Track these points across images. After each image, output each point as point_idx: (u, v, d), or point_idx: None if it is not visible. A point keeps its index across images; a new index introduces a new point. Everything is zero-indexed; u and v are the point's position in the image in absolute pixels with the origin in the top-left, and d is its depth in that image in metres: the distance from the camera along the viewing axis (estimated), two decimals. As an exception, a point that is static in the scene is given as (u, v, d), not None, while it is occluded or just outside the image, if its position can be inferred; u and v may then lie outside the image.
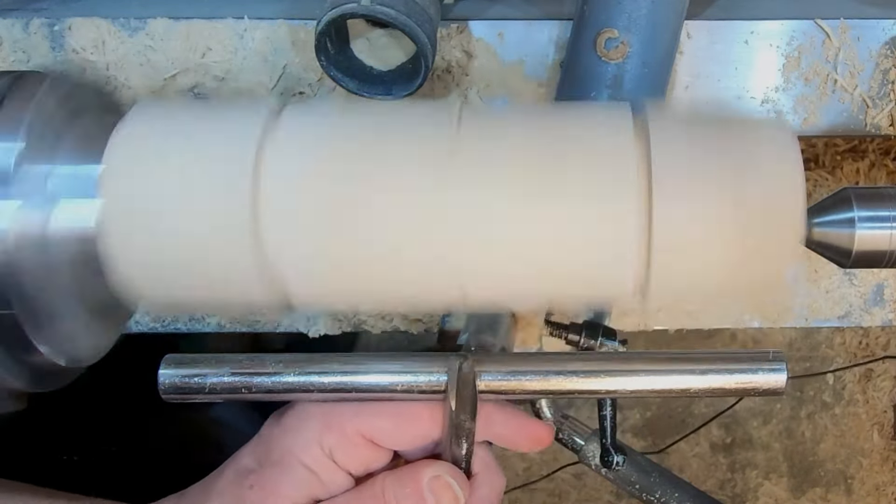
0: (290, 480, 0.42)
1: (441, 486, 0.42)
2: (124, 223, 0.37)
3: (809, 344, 1.60)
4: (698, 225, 0.37)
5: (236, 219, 0.36)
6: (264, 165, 0.37)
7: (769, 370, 0.42)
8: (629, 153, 0.37)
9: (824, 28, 0.57)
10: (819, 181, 0.73)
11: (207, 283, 0.38)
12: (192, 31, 0.57)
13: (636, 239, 0.37)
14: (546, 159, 0.37)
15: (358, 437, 0.42)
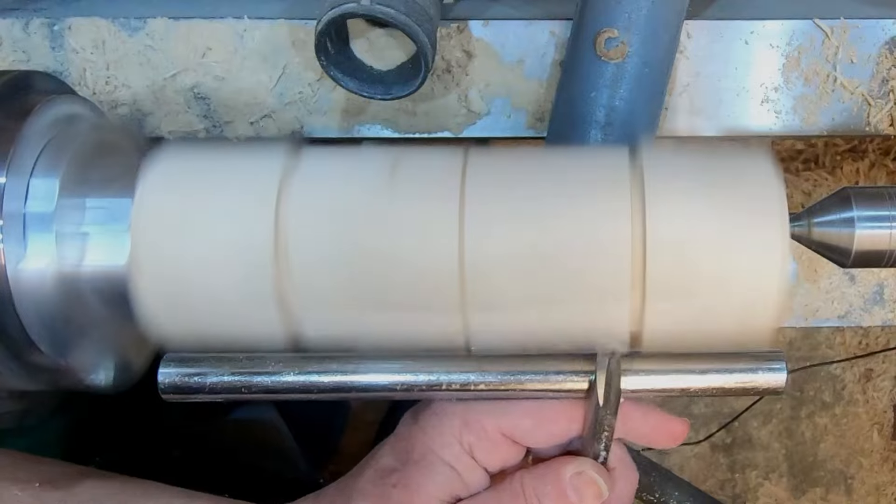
0: (433, 478, 0.42)
1: (584, 483, 0.42)
2: (151, 267, 0.38)
3: (809, 344, 1.60)
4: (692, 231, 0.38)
5: (259, 269, 0.38)
6: (284, 214, 0.38)
7: (769, 370, 0.42)
8: (625, 203, 0.38)
9: (824, 28, 0.57)
10: (819, 181, 0.73)
11: (230, 324, 0.40)
12: (192, 30, 0.57)
13: (631, 247, 0.38)
14: (546, 194, 0.39)
15: (497, 435, 0.42)
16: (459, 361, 0.43)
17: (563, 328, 0.40)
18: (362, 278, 0.38)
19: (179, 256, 0.38)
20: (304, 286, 0.38)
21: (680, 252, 0.38)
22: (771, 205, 0.38)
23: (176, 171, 0.40)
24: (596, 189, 0.39)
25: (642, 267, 0.38)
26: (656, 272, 0.38)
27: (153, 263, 0.38)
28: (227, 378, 0.42)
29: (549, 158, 0.41)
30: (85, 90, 0.58)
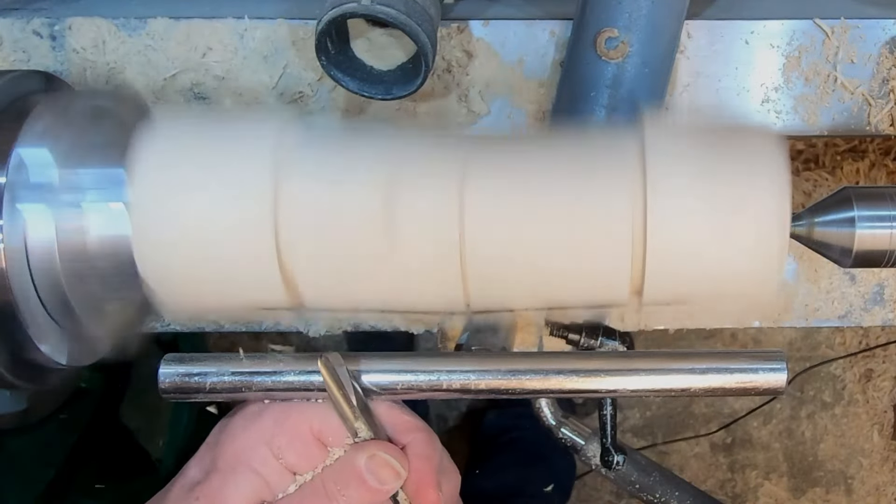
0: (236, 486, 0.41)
1: (379, 465, 0.42)
2: (148, 227, 0.38)
3: (809, 344, 1.60)
4: (691, 226, 0.37)
5: (257, 230, 0.38)
6: (282, 179, 0.38)
7: (769, 370, 0.42)
8: (627, 163, 0.38)
9: (824, 28, 0.57)
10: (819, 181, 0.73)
11: (231, 287, 0.39)
12: (193, 30, 0.57)
13: (632, 241, 0.37)
14: (548, 170, 0.38)
15: (310, 436, 0.42)
16: (459, 361, 0.43)
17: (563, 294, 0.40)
18: (359, 260, 0.38)
19: (179, 222, 0.38)
20: (303, 249, 0.38)
21: (678, 254, 0.37)
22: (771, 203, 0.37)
23: (171, 138, 0.39)
24: (598, 185, 0.38)
25: (641, 269, 0.38)
26: (654, 275, 0.38)
27: (153, 230, 0.38)
28: (228, 378, 0.42)
29: (550, 152, 0.41)
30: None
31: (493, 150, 0.39)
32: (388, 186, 0.38)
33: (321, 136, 0.40)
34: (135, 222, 0.38)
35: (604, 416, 0.58)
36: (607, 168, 0.38)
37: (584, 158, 0.39)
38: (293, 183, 0.38)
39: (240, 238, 0.38)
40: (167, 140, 0.39)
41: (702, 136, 0.40)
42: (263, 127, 0.40)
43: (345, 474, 0.42)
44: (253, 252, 0.38)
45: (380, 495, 0.42)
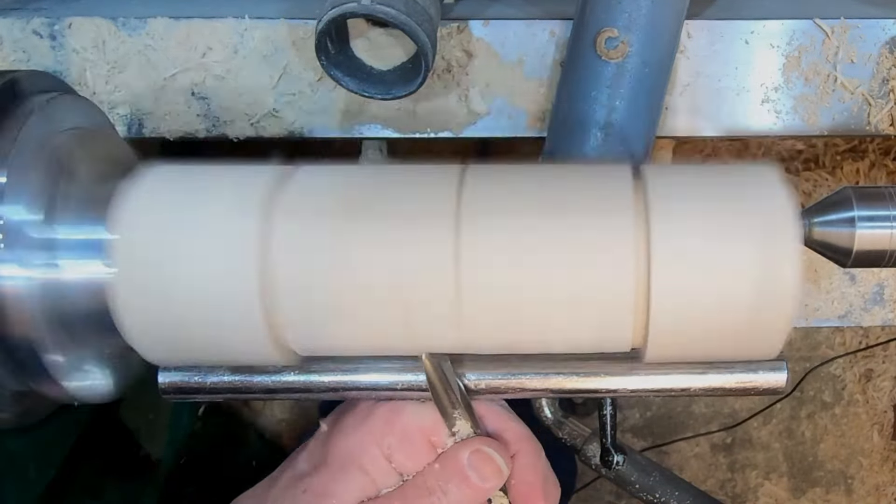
0: (343, 483, 0.41)
1: (481, 460, 0.41)
2: (133, 286, 0.37)
3: (809, 344, 1.60)
4: (696, 289, 0.37)
5: (243, 282, 0.37)
6: (271, 231, 0.37)
7: (769, 370, 0.42)
8: (628, 213, 0.37)
9: (824, 28, 0.57)
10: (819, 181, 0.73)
11: (216, 342, 0.39)
12: (193, 30, 0.57)
13: (635, 298, 0.37)
14: (547, 211, 0.38)
15: (419, 437, 0.42)
16: (459, 361, 0.43)
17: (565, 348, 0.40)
18: (353, 306, 0.38)
19: (162, 280, 0.37)
20: (292, 308, 0.38)
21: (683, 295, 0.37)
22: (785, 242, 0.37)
23: (159, 195, 0.39)
24: (598, 225, 0.37)
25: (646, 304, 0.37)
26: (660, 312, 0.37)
27: (135, 288, 0.37)
28: (228, 378, 0.42)
29: (549, 181, 0.40)
30: (85, 90, 0.58)
31: (489, 198, 0.38)
32: (382, 239, 0.37)
33: (312, 188, 0.39)
34: (116, 275, 0.37)
35: (604, 416, 0.58)
36: (609, 219, 0.37)
37: (583, 210, 0.38)
38: (283, 239, 0.37)
39: (224, 298, 0.37)
40: (151, 193, 0.39)
41: (702, 180, 0.39)
42: (252, 180, 0.39)
43: (447, 470, 0.41)
44: (238, 309, 0.37)
45: (481, 493, 0.42)
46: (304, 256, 0.37)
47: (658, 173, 0.39)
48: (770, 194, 0.38)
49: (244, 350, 0.39)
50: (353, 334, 0.39)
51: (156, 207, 0.38)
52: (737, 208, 0.37)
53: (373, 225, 0.37)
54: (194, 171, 0.40)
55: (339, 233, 0.37)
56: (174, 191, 0.39)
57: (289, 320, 0.38)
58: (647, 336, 0.38)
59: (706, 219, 0.37)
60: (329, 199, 0.39)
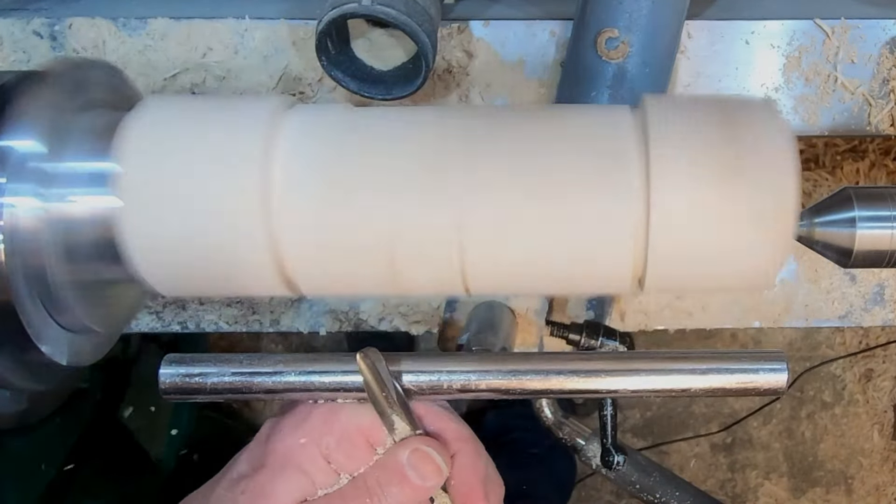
0: (282, 483, 0.41)
1: (420, 459, 0.41)
2: (138, 214, 0.37)
3: (809, 344, 1.60)
4: (694, 215, 0.37)
5: (246, 207, 0.37)
6: (274, 155, 0.37)
7: (769, 370, 0.42)
8: (627, 149, 0.37)
9: (824, 28, 0.57)
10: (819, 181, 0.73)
11: (219, 268, 0.38)
12: (193, 30, 0.57)
13: (634, 230, 0.37)
14: (546, 153, 0.38)
15: (358, 437, 0.42)
16: (460, 361, 0.43)
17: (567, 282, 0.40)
18: (351, 247, 0.38)
19: (166, 209, 0.37)
20: (294, 237, 0.37)
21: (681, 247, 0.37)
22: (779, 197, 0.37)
23: (161, 124, 0.38)
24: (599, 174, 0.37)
25: (644, 260, 0.37)
26: (656, 266, 0.37)
27: (139, 215, 0.37)
28: (228, 378, 0.42)
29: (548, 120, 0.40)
30: (85, 90, 0.58)
31: (491, 138, 0.38)
32: (384, 178, 0.37)
33: (316, 122, 0.39)
34: (123, 205, 0.37)
35: (604, 416, 0.58)
36: (609, 157, 0.37)
37: (585, 143, 0.38)
38: (287, 164, 0.37)
39: (229, 225, 0.37)
40: (155, 123, 0.39)
41: (707, 120, 0.39)
42: (257, 109, 0.39)
43: (387, 471, 0.42)
44: (243, 235, 0.37)
45: (421, 493, 0.41)
46: (303, 187, 0.37)
47: (657, 105, 0.39)
48: (768, 127, 0.38)
49: (248, 278, 0.39)
50: (352, 274, 0.39)
51: (159, 137, 0.38)
52: (735, 137, 0.37)
53: (372, 169, 0.37)
54: (197, 102, 0.40)
55: (339, 172, 0.37)
56: (177, 120, 0.39)
57: (291, 248, 0.38)
58: (646, 263, 0.38)
59: (705, 147, 0.37)
60: (328, 133, 0.38)
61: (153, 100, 0.40)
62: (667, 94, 0.42)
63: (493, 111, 0.40)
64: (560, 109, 0.41)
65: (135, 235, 0.37)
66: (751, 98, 0.39)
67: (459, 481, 0.43)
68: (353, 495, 0.41)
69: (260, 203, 0.37)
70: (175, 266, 0.38)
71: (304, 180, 0.37)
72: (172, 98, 0.40)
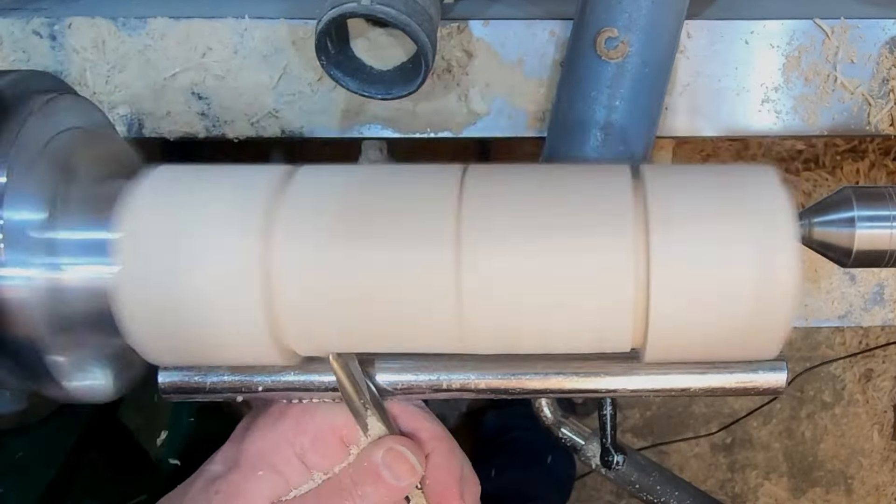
0: (255, 483, 0.41)
1: (394, 458, 0.42)
2: (136, 285, 0.38)
3: (809, 344, 1.60)
4: (695, 291, 0.37)
5: (246, 284, 0.37)
6: (273, 232, 0.37)
7: (769, 370, 0.42)
8: (627, 215, 0.37)
9: (824, 28, 0.57)
10: (819, 181, 0.73)
11: (218, 343, 0.39)
12: (193, 30, 0.57)
13: (634, 301, 0.37)
14: (547, 214, 0.38)
15: (332, 436, 0.42)
16: (460, 361, 0.43)
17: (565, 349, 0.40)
18: (352, 311, 0.38)
19: (165, 281, 0.37)
20: (294, 311, 0.38)
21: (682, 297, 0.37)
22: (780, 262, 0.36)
23: (162, 196, 0.39)
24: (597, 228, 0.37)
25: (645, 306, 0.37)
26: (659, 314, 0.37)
27: (138, 289, 0.37)
28: (228, 378, 0.42)
29: (548, 184, 0.40)
30: (85, 90, 0.58)
31: (489, 203, 0.38)
32: (385, 243, 0.37)
33: (313, 190, 0.39)
34: (120, 274, 0.37)
35: (604, 416, 0.58)
36: (608, 223, 0.37)
37: (583, 210, 0.38)
38: (285, 239, 0.37)
39: (226, 300, 0.37)
40: (155, 194, 0.39)
41: (701, 181, 0.39)
42: (254, 182, 0.39)
43: (361, 470, 0.42)
44: (240, 311, 0.37)
45: (396, 493, 0.42)
46: (306, 260, 0.37)
47: (657, 174, 0.39)
48: (769, 197, 0.38)
49: (246, 352, 0.39)
50: (353, 338, 0.39)
51: (159, 208, 0.38)
52: (735, 211, 0.37)
53: (373, 229, 0.38)
54: (197, 172, 0.40)
55: (340, 236, 0.37)
56: (177, 192, 0.39)
57: (290, 322, 0.38)
58: (646, 337, 0.38)
59: (705, 222, 0.37)
60: (329, 201, 0.39)
61: (155, 170, 0.40)
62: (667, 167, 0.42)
63: (490, 174, 0.40)
64: (561, 174, 0.41)
65: (132, 306, 0.38)
66: (752, 169, 0.39)
67: (434, 480, 0.43)
68: (327, 495, 0.42)
69: (260, 280, 0.37)
70: (171, 338, 0.38)
71: (305, 257, 0.37)
72: (174, 168, 0.40)
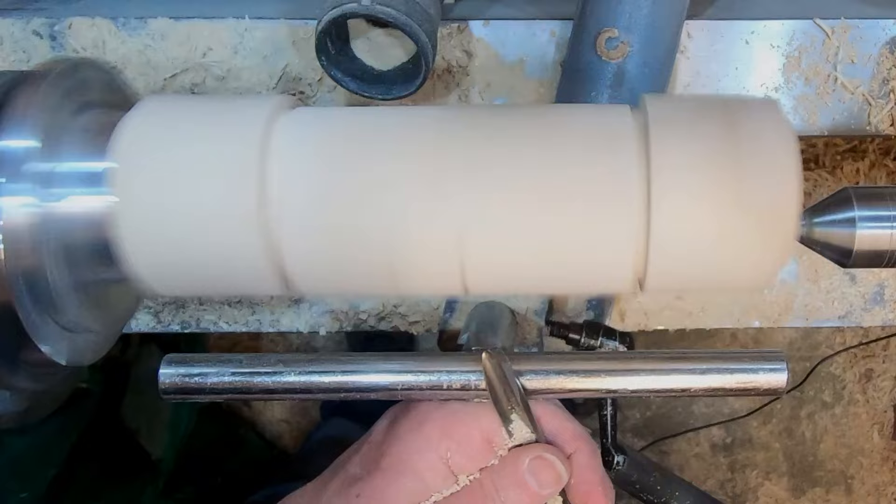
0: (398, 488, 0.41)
1: (542, 466, 0.41)
2: (134, 214, 0.37)
3: (809, 344, 1.60)
4: (695, 219, 0.36)
5: (243, 208, 0.37)
6: (270, 155, 0.37)
7: (769, 370, 0.42)
8: (628, 149, 0.37)
9: (824, 28, 0.57)
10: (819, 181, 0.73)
11: (216, 269, 0.38)
12: (193, 30, 0.57)
13: (635, 231, 0.37)
14: (547, 155, 0.37)
15: (478, 439, 0.42)
16: (460, 361, 0.43)
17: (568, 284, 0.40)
18: (347, 245, 0.37)
19: (162, 209, 0.37)
20: (290, 236, 0.37)
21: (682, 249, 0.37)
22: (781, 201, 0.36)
23: (158, 124, 0.38)
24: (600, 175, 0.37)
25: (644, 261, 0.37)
26: (657, 268, 0.37)
27: (136, 216, 0.37)
28: (228, 378, 0.42)
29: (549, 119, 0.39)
30: (85, 90, 0.58)
31: (491, 141, 0.38)
32: (385, 178, 0.37)
33: (315, 123, 0.39)
34: (119, 204, 0.37)
35: (604, 416, 0.58)
36: (609, 160, 0.37)
37: (585, 146, 0.38)
38: (285, 165, 0.37)
39: (224, 224, 0.37)
40: (153, 123, 0.38)
41: (708, 121, 0.38)
42: (255, 109, 0.39)
43: (505, 476, 0.41)
44: (239, 234, 0.37)
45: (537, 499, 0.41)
46: (301, 187, 0.37)
47: (658, 104, 0.39)
48: (770, 127, 0.37)
49: (243, 277, 0.38)
50: (350, 274, 0.39)
51: (156, 136, 0.38)
52: (737, 140, 0.37)
53: (369, 161, 0.37)
54: (195, 102, 0.40)
55: (337, 174, 0.37)
56: (175, 120, 0.39)
57: (288, 248, 0.38)
58: (646, 263, 0.37)
59: (705, 149, 0.37)
60: (327, 130, 0.38)
61: (150, 99, 0.40)
62: (667, 94, 0.42)
63: (491, 112, 0.39)
64: (559, 110, 0.40)
65: (130, 235, 0.37)
66: (752, 98, 0.39)
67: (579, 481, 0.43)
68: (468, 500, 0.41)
69: (257, 203, 0.37)
70: (171, 265, 0.38)
71: (302, 182, 0.37)
72: (170, 97, 0.40)
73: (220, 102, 0.40)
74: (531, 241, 0.37)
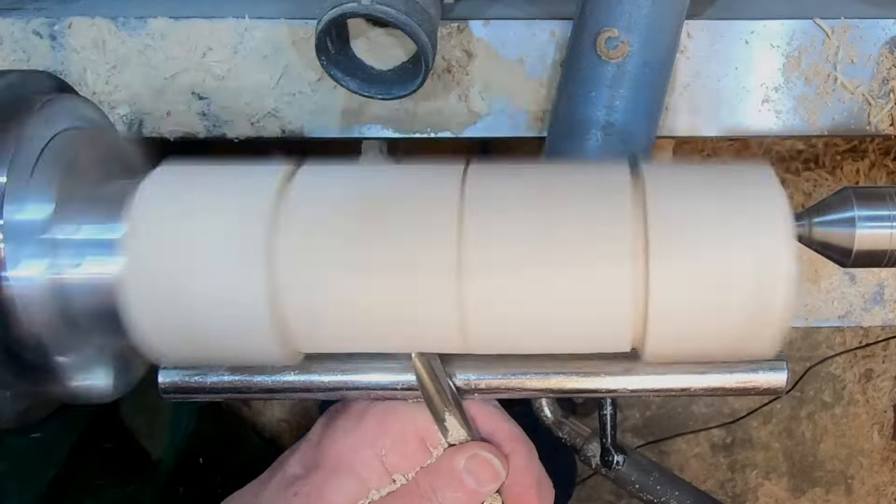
0: (336, 486, 0.41)
1: (478, 464, 0.41)
2: (143, 284, 0.38)
3: (809, 344, 1.60)
4: (693, 289, 0.36)
5: (251, 285, 0.37)
6: (279, 228, 0.37)
7: (769, 370, 0.42)
8: (626, 215, 0.37)
9: (824, 28, 0.57)
10: (819, 181, 0.73)
11: (224, 342, 0.39)
12: (193, 30, 0.57)
13: (633, 300, 0.37)
14: (547, 220, 0.38)
15: (413, 438, 0.42)
16: (459, 361, 0.43)
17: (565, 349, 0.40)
18: (355, 312, 0.38)
19: (171, 279, 0.37)
20: (298, 310, 0.38)
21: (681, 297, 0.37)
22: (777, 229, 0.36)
23: (168, 194, 0.39)
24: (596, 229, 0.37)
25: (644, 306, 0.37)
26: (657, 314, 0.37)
27: (144, 284, 0.37)
28: (228, 378, 0.42)
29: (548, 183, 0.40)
30: (85, 90, 0.58)
31: (489, 204, 0.38)
32: (387, 244, 0.37)
33: (317, 190, 0.39)
34: (126, 275, 0.37)
35: (604, 415, 0.58)
36: (607, 223, 0.37)
37: (583, 209, 0.38)
38: (288, 241, 0.37)
39: (232, 298, 0.37)
40: (163, 193, 0.39)
41: (699, 180, 0.39)
42: (260, 181, 0.39)
43: (441, 475, 0.41)
44: (245, 309, 0.37)
45: (475, 498, 0.41)
46: (309, 260, 0.37)
47: (656, 174, 0.39)
48: (766, 195, 0.38)
49: (249, 349, 0.39)
50: (356, 339, 0.39)
51: (165, 206, 0.38)
52: (733, 210, 0.37)
53: (375, 231, 0.38)
54: (202, 170, 0.40)
55: (342, 237, 0.38)
56: (183, 190, 0.39)
57: (294, 322, 0.38)
58: (645, 337, 0.38)
59: (703, 222, 0.37)
60: (333, 202, 0.39)
61: (160, 168, 0.40)
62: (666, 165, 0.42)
63: (490, 172, 0.40)
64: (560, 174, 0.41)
65: (136, 303, 0.38)
66: (750, 169, 0.39)
67: (513, 482, 0.42)
68: (406, 499, 0.41)
69: (265, 278, 0.37)
70: (175, 337, 0.38)
71: (310, 253, 0.37)
72: (179, 166, 0.40)
73: (228, 173, 0.40)
74: (531, 302, 0.37)
